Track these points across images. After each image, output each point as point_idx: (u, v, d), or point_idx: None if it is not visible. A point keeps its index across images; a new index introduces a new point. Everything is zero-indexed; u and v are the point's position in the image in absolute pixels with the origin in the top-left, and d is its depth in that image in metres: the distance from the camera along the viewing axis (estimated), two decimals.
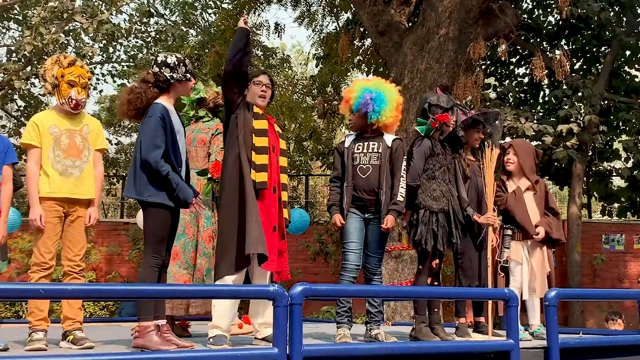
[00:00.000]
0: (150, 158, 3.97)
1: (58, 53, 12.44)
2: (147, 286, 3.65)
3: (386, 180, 4.68)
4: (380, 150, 4.74)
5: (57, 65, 4.28)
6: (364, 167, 4.74)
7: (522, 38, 12.40)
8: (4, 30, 17.11)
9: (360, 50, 13.90)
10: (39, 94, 16.08)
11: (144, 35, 15.07)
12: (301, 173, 18.10)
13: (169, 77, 4.20)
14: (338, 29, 14.40)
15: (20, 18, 15.70)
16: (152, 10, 14.95)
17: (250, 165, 4.23)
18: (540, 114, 13.45)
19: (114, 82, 16.33)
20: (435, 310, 4.89)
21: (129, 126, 21.87)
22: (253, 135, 4.29)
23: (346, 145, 4.83)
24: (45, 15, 12.05)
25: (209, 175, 5.35)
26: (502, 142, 5.82)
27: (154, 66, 4.24)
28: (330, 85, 15.55)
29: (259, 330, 4.40)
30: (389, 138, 4.80)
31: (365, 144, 4.79)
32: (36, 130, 4.24)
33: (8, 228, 4.48)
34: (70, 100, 4.26)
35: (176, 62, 4.20)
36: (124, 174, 20.32)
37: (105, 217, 17.08)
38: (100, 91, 27.11)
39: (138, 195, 4.06)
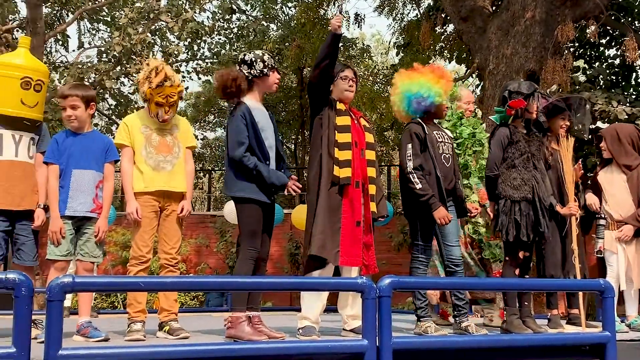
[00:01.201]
0: (235, 154, 4.09)
1: (146, 54, 12.91)
2: (242, 279, 3.73)
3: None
4: (450, 141, 4.83)
5: (147, 82, 4.33)
6: (447, 155, 4.73)
7: (613, 18, 11.85)
8: (93, 32, 17.84)
9: (442, 37, 13.68)
10: (128, 92, 16.68)
11: (227, 32, 15.37)
12: (383, 164, 18.03)
13: (246, 74, 4.27)
14: (419, 16, 14.21)
15: (109, 19, 16.31)
16: (234, 7, 15.22)
17: (333, 162, 4.26)
18: (633, 97, 12.83)
19: (199, 79, 16.74)
20: (526, 303, 4.77)
21: (214, 121, 22.41)
22: (336, 132, 4.31)
23: (427, 132, 4.71)
24: (132, 16, 12.47)
25: None
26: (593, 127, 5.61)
27: (237, 64, 4.35)
28: None
29: (347, 321, 4.43)
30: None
31: (441, 132, 4.80)
32: (126, 130, 4.39)
33: None
34: (157, 116, 4.38)
35: (253, 59, 4.27)
36: (209, 168, 20.86)
37: (193, 210, 17.57)
38: (186, 88, 27.83)
39: (229, 192, 4.21)
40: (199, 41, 14.43)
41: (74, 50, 16.96)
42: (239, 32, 15.40)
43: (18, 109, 4.25)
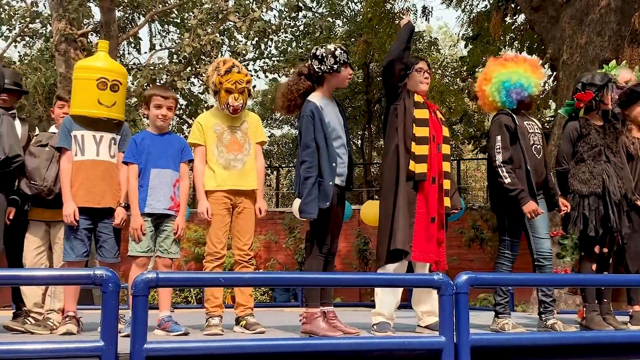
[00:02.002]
0: (301, 157, 4.12)
1: (215, 54, 13.14)
2: (315, 275, 3.76)
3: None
4: (540, 131, 4.71)
5: (216, 72, 4.47)
6: (538, 147, 4.63)
7: None
8: (164, 34, 18.27)
9: (513, 28, 13.39)
10: (198, 92, 17.00)
11: (293, 30, 15.48)
12: (452, 158, 17.80)
13: (317, 70, 4.26)
14: (489, 7, 13.94)
15: (179, 21, 16.66)
16: (300, 4, 15.31)
17: (410, 156, 4.22)
18: None
19: (266, 77, 16.92)
20: (605, 300, 4.63)
21: (281, 119, 22.61)
22: (414, 125, 4.27)
23: (517, 123, 4.60)
24: (201, 17, 12.71)
25: None
26: None
27: (309, 59, 4.36)
28: (480, 66, 15.12)
29: (422, 318, 4.40)
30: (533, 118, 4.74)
31: (532, 122, 4.70)
32: (200, 129, 4.49)
33: None
34: (228, 105, 4.45)
35: (324, 54, 4.24)
36: (277, 164, 21.07)
37: None
38: (253, 87, 28.16)
39: (295, 188, 4.24)
40: (265, 40, 14.58)
41: (145, 52, 17.42)
42: (305, 29, 15.48)
43: (96, 109, 4.37)
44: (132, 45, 17.04)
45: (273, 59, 16.51)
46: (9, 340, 3.73)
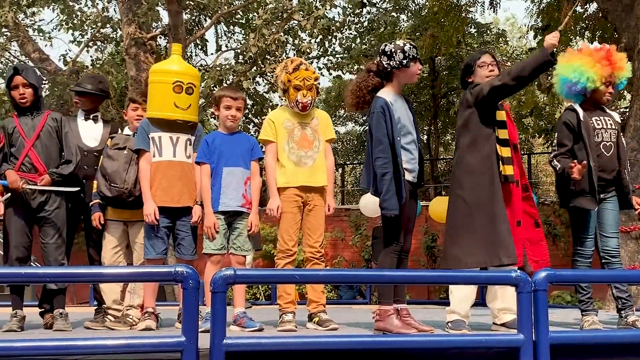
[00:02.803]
0: (375, 154, 4.10)
1: (280, 53, 13.25)
2: (390, 272, 3.75)
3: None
4: (615, 126, 4.58)
5: (284, 71, 4.53)
6: (608, 143, 4.51)
7: None
8: (229, 35, 18.53)
9: (584, 17, 12.99)
10: (263, 92, 17.18)
11: (357, 26, 15.43)
12: (523, 152, 17.43)
13: (385, 65, 4.24)
14: None
15: (244, 22, 16.88)
16: (364, 1, 15.26)
17: (498, 159, 4.18)
18: None
19: (330, 74, 16.94)
20: None
21: (344, 116, 22.62)
22: (496, 128, 4.23)
23: (583, 119, 4.49)
24: (266, 17, 12.83)
25: None
26: None
27: (377, 55, 4.35)
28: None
29: (498, 315, 4.33)
30: (614, 114, 4.61)
31: (603, 118, 4.55)
32: (272, 126, 4.55)
33: None
34: (297, 102, 4.49)
35: (393, 50, 4.21)
36: (341, 162, 21.08)
37: None
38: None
39: (367, 185, 4.25)
40: (329, 37, 14.58)
41: (211, 54, 17.72)
42: (369, 25, 15.41)
43: (172, 112, 4.51)
44: (199, 47, 17.36)
45: (337, 56, 16.53)
46: (92, 335, 3.87)
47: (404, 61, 4.20)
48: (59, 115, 4.71)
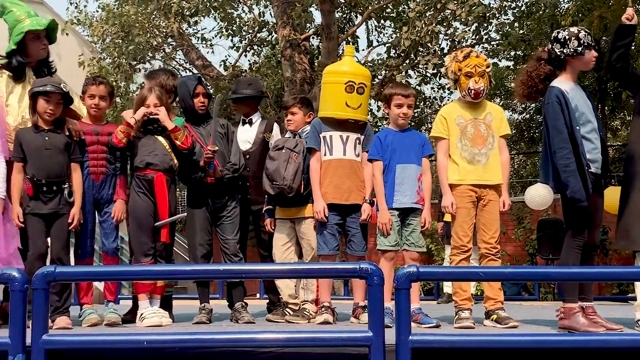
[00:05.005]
0: (554, 145, 3.95)
1: (433, 44, 13.09)
2: (576, 269, 3.61)
3: None
4: None
5: (454, 61, 4.48)
6: None
7: None
8: (380, 30, 18.59)
9: None
10: (416, 85, 17.07)
11: (515, 11, 14.86)
12: None
13: (559, 53, 4.07)
14: None
15: (394, 15, 16.85)
16: None
17: None
18: None
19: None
20: None
21: (500, 104, 21.91)
22: None
23: None
24: (419, 9, 12.71)
25: None
26: None
27: (549, 43, 4.19)
28: None
29: None
30: None
31: None
32: (444, 123, 4.50)
33: None
34: (469, 90, 4.41)
35: (567, 37, 4.04)
36: None
37: None
38: None
39: (545, 180, 4.13)
40: (485, 24, 14.18)
41: (363, 50, 17.86)
42: (528, 9, 14.77)
43: (343, 111, 4.62)
44: (351, 44, 17.60)
45: (492, 42, 16.04)
46: (282, 329, 4.06)
47: (579, 48, 4.04)
48: (225, 121, 4.99)
